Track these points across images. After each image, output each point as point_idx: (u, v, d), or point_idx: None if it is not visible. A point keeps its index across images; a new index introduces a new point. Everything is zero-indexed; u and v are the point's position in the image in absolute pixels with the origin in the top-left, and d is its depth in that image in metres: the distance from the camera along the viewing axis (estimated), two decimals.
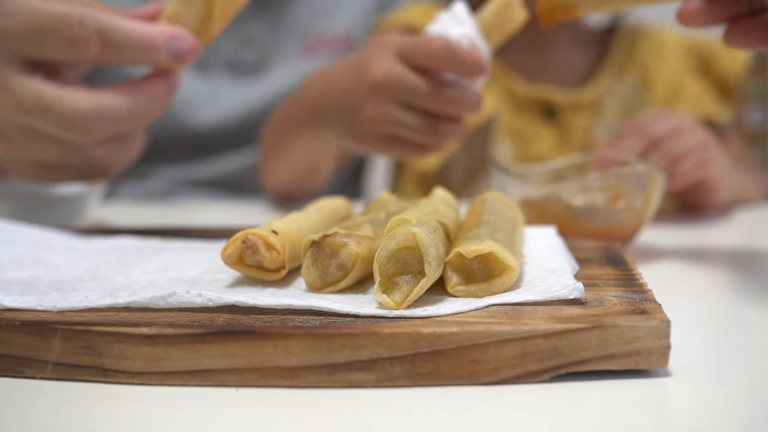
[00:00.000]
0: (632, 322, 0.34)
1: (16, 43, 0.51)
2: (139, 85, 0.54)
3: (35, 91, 0.51)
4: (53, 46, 0.51)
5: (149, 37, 0.52)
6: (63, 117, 0.51)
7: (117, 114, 0.52)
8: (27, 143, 0.54)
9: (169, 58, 0.53)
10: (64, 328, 0.35)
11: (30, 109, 0.51)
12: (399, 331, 0.33)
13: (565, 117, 1.01)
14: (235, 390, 0.34)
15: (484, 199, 0.52)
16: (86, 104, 0.51)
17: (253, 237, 0.41)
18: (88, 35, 0.50)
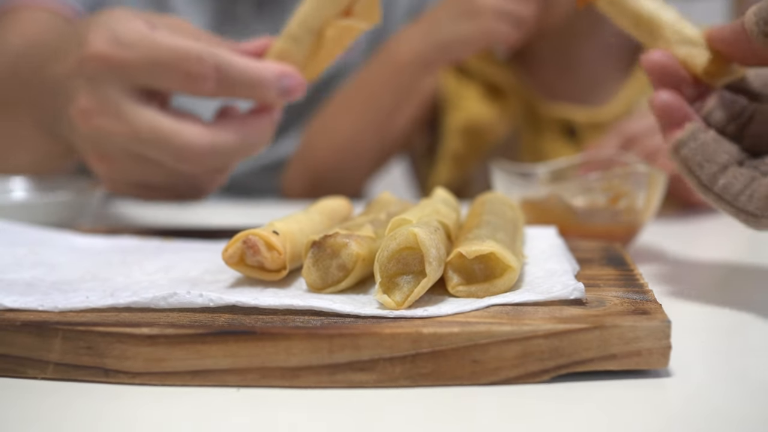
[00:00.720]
0: (633, 323, 0.34)
1: (134, 74, 0.52)
2: (248, 120, 0.55)
3: (152, 122, 0.52)
4: (171, 79, 0.52)
5: (262, 75, 0.53)
6: (179, 150, 0.52)
7: (229, 149, 0.54)
8: (132, 166, 0.55)
9: (278, 95, 0.54)
10: (65, 328, 0.35)
11: (146, 139, 0.52)
12: (400, 332, 0.33)
13: (586, 136, 1.00)
14: (236, 390, 0.34)
15: (485, 199, 0.52)
16: (202, 140, 0.53)
17: (254, 237, 0.41)
18: (206, 71, 0.51)
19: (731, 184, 0.41)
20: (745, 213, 0.41)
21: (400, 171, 1.32)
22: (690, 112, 0.43)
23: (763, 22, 0.39)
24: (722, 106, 0.44)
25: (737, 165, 0.42)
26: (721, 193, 0.41)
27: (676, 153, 0.42)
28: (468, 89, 1.01)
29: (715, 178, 0.41)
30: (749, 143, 0.43)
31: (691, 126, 0.42)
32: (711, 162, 0.41)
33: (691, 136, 0.42)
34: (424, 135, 1.09)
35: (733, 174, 0.41)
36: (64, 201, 0.66)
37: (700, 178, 0.42)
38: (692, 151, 0.42)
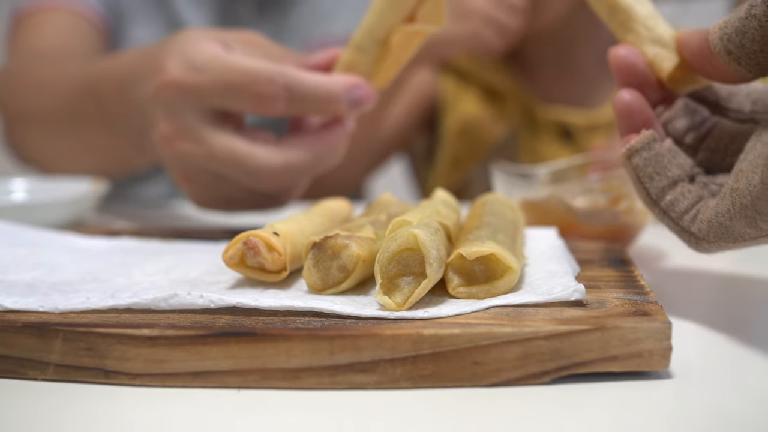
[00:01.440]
0: (633, 324, 0.34)
1: (208, 98, 0.53)
2: (320, 135, 0.56)
3: (227, 145, 0.53)
4: (243, 101, 0.53)
5: (331, 89, 0.54)
6: (254, 171, 0.54)
7: (301, 166, 0.55)
8: (214, 184, 0.57)
9: (349, 107, 0.54)
10: (66, 329, 0.35)
11: (222, 161, 0.54)
12: (400, 333, 0.33)
13: (582, 138, 1.00)
14: (237, 391, 0.34)
15: (485, 200, 0.52)
16: (276, 161, 0.54)
17: (254, 238, 0.41)
18: (277, 92, 0.52)
19: (678, 201, 0.40)
20: (687, 233, 0.40)
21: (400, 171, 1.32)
22: (650, 117, 0.42)
23: (726, 39, 0.37)
24: (684, 115, 0.43)
25: (688, 180, 0.41)
26: (667, 209, 0.40)
27: (628, 161, 0.41)
28: (466, 93, 1.02)
29: (663, 192, 0.40)
30: (704, 157, 0.42)
31: (647, 134, 0.41)
32: (661, 175, 0.40)
33: (645, 146, 0.41)
34: (423, 137, 1.09)
35: (681, 191, 0.40)
36: (65, 202, 0.66)
37: (648, 191, 0.41)
38: (645, 161, 0.41)
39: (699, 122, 0.42)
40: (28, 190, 0.75)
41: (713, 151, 0.42)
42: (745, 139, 0.40)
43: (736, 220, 0.36)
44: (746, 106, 0.42)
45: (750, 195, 0.34)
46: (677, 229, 0.40)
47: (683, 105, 0.43)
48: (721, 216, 0.37)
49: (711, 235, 0.38)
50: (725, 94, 0.43)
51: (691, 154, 0.42)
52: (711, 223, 0.38)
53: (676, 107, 0.43)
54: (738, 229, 0.36)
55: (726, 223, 0.37)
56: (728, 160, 0.41)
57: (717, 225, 0.37)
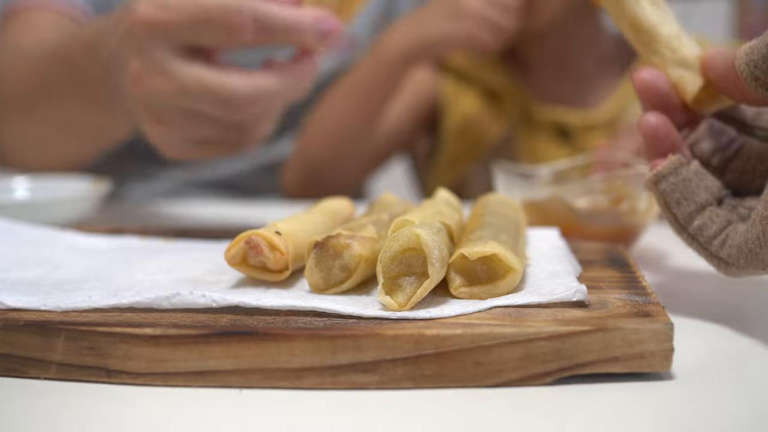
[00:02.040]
0: (635, 325, 0.34)
1: (178, 33, 0.55)
2: (289, 66, 0.58)
3: (197, 76, 0.55)
4: (213, 34, 0.55)
5: (299, 20, 0.56)
6: (226, 99, 0.55)
7: (272, 93, 0.56)
8: (185, 124, 0.58)
9: (316, 39, 0.57)
10: (68, 328, 0.35)
11: (193, 93, 0.55)
12: (402, 333, 0.33)
13: (579, 138, 1.00)
14: (239, 391, 0.34)
15: (487, 200, 0.52)
16: (246, 87, 0.55)
17: (256, 238, 0.41)
18: (245, 22, 0.54)
19: (707, 226, 0.40)
20: (716, 258, 0.40)
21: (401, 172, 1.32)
22: (677, 140, 0.42)
23: (753, 65, 0.37)
24: (710, 136, 0.42)
25: (716, 204, 0.41)
26: (696, 234, 0.40)
27: (655, 186, 0.41)
28: (466, 93, 1.02)
29: (691, 217, 0.40)
30: (732, 178, 0.42)
31: (674, 159, 0.41)
32: (689, 200, 0.40)
33: (672, 171, 0.40)
34: (426, 139, 1.09)
35: (709, 215, 0.40)
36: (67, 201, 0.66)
37: (676, 216, 0.40)
38: (672, 186, 0.40)
39: (726, 143, 0.42)
40: (30, 189, 0.75)
41: (741, 172, 0.42)
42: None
43: (767, 247, 0.36)
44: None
45: None
46: (706, 254, 0.40)
47: (709, 126, 0.43)
48: (751, 243, 0.37)
49: (741, 261, 0.38)
50: (752, 113, 0.43)
51: (719, 176, 0.42)
52: (741, 250, 0.38)
53: (702, 128, 0.43)
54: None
55: (756, 250, 0.36)
56: (757, 182, 0.41)
57: (747, 251, 0.37)
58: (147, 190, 1.07)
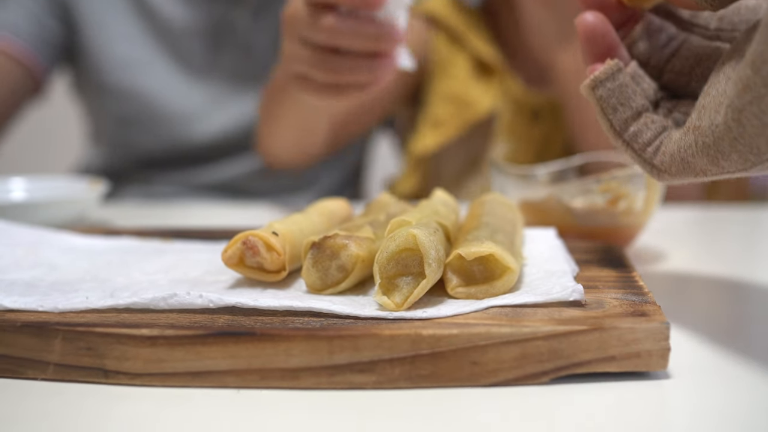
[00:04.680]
0: (632, 324, 0.34)
1: None
2: None
3: None
4: None
5: None
6: None
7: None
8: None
9: None
10: (65, 329, 0.35)
11: None
12: (399, 333, 0.33)
13: (548, 120, 1.01)
14: (236, 391, 0.34)
15: (484, 200, 0.52)
16: None
17: (253, 238, 0.41)
18: None
19: (641, 132, 0.39)
20: (649, 165, 0.39)
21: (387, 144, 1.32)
22: (614, 41, 0.41)
23: None
24: (648, 35, 0.41)
25: (652, 107, 0.40)
26: (630, 140, 0.39)
27: (593, 92, 0.40)
28: (458, 58, 1.02)
29: (626, 124, 0.39)
30: (669, 79, 0.41)
31: (611, 64, 0.39)
32: (625, 106, 0.39)
33: (609, 76, 0.39)
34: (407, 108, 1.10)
35: (644, 122, 0.39)
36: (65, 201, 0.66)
37: (611, 122, 0.39)
38: (609, 92, 0.39)
39: (664, 42, 0.41)
40: (28, 189, 0.75)
41: (678, 73, 0.41)
42: (710, 62, 0.40)
43: (699, 157, 0.35)
44: (712, 23, 0.41)
45: (712, 135, 0.34)
46: (639, 160, 0.39)
47: (647, 24, 0.42)
48: (683, 151, 0.36)
49: (673, 169, 0.37)
50: None
51: (656, 76, 0.41)
52: (673, 157, 0.37)
53: (640, 27, 0.42)
54: (700, 166, 0.36)
55: (688, 158, 0.36)
56: (693, 85, 0.41)
57: (679, 160, 0.37)
58: (145, 192, 1.07)
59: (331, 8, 0.59)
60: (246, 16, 1.04)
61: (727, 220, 0.82)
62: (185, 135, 1.04)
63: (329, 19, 0.58)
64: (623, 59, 0.41)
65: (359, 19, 0.58)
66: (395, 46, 0.60)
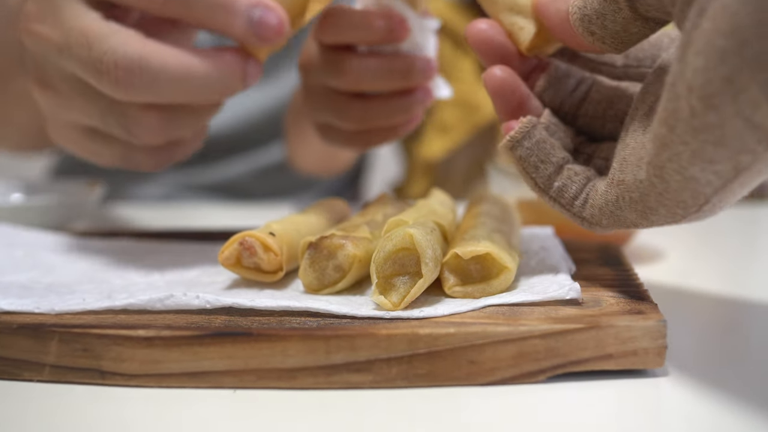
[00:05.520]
0: (629, 323, 0.34)
1: None
2: (206, 52, 0.44)
3: (85, 25, 0.43)
4: None
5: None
6: (99, 57, 0.42)
7: (165, 72, 0.43)
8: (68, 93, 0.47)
9: (248, 28, 0.43)
10: (62, 330, 0.35)
11: (71, 43, 0.43)
12: (396, 333, 0.33)
13: None
14: (233, 392, 0.34)
15: (481, 199, 0.52)
16: (131, 49, 0.42)
17: (250, 239, 0.41)
18: None
19: (566, 186, 0.38)
20: (579, 218, 0.39)
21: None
22: (525, 95, 0.40)
23: (588, 20, 0.36)
24: (555, 81, 0.41)
25: (572, 157, 0.39)
26: (557, 197, 0.39)
27: (512, 152, 0.39)
28: (462, 62, 1.02)
29: (550, 180, 0.39)
30: (584, 123, 0.41)
31: (526, 122, 0.39)
32: (546, 162, 0.38)
33: (526, 134, 0.39)
34: None
35: (568, 175, 0.38)
36: (61, 203, 0.66)
37: (536, 181, 0.39)
38: (527, 151, 0.39)
39: (573, 87, 0.41)
40: (25, 192, 0.75)
41: (592, 117, 0.41)
42: (622, 104, 0.40)
43: (627, 211, 0.35)
44: (618, 60, 0.40)
45: (638, 191, 0.34)
46: (569, 215, 0.39)
47: (554, 71, 0.41)
48: (611, 205, 0.36)
49: (603, 221, 0.37)
50: None
51: (571, 122, 0.41)
52: (602, 211, 0.37)
53: (546, 76, 0.41)
54: (630, 219, 0.36)
55: (617, 212, 0.36)
56: (608, 126, 0.40)
57: (608, 213, 0.37)
58: (142, 194, 1.07)
59: (349, 49, 0.52)
60: None
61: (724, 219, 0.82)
62: None
63: (351, 61, 0.51)
64: (536, 110, 0.40)
65: (384, 56, 0.52)
66: (429, 78, 0.53)
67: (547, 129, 0.39)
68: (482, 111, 1.00)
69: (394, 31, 0.50)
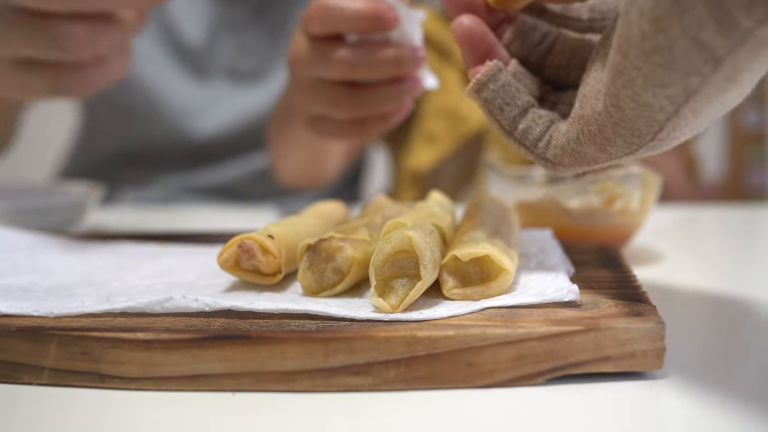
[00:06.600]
0: (627, 325, 0.34)
1: None
2: None
3: None
4: None
5: None
6: None
7: None
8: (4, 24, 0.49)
9: None
10: (61, 333, 0.35)
11: None
12: (395, 335, 0.33)
13: None
14: (232, 395, 0.34)
15: (480, 201, 0.52)
16: None
17: (249, 241, 0.41)
18: None
19: (530, 129, 0.39)
20: (543, 159, 0.39)
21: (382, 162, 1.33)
22: (492, 42, 0.41)
23: None
24: (522, 34, 0.42)
25: (538, 103, 0.40)
26: (521, 138, 0.39)
27: (477, 95, 0.40)
28: (447, 72, 1.02)
29: (515, 122, 0.39)
30: (550, 73, 0.42)
31: (492, 65, 0.39)
32: (511, 105, 0.39)
33: (491, 77, 0.39)
34: None
35: (532, 117, 0.39)
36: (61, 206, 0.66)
37: (501, 123, 0.39)
38: (493, 93, 0.39)
39: (539, 40, 0.42)
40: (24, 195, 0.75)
41: (558, 67, 0.41)
42: (585, 53, 0.40)
43: (587, 146, 0.36)
44: (584, 14, 0.41)
45: (596, 123, 0.35)
46: (533, 156, 0.40)
47: (521, 23, 0.42)
48: (572, 142, 0.37)
49: (565, 160, 0.38)
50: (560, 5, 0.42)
51: (537, 72, 0.42)
52: (564, 149, 0.38)
53: (514, 28, 0.42)
54: (590, 154, 0.36)
55: (578, 149, 0.37)
56: (573, 75, 0.41)
57: (570, 151, 0.37)
58: (141, 196, 1.07)
59: (339, 39, 0.54)
60: (248, 12, 1.04)
61: (723, 220, 0.82)
62: (183, 131, 1.04)
63: (342, 51, 0.53)
64: (503, 59, 0.41)
65: (374, 45, 0.53)
66: (418, 66, 0.54)
67: (513, 75, 0.40)
68: (469, 121, 1.00)
69: (384, 20, 0.52)
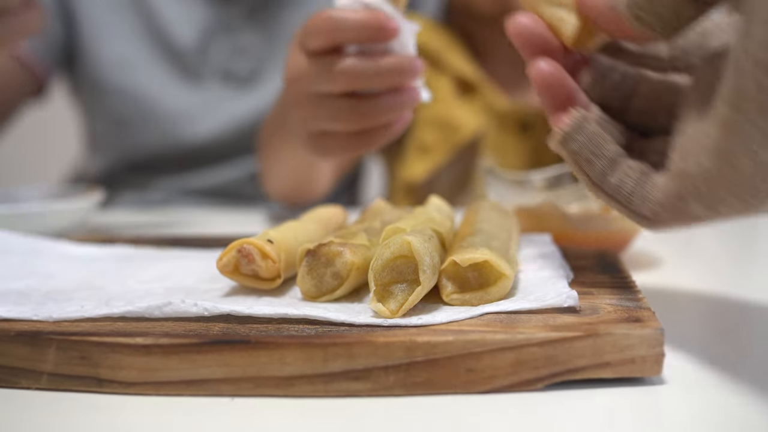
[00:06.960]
0: (626, 330, 0.34)
1: None
2: None
3: None
4: None
5: None
6: None
7: None
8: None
9: None
10: (59, 338, 0.35)
11: None
12: (394, 340, 0.33)
13: (539, 130, 1.01)
14: (231, 400, 0.34)
15: (479, 206, 0.52)
16: None
17: (248, 246, 0.41)
18: None
19: (623, 183, 0.36)
20: (639, 216, 0.36)
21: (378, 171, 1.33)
22: (573, 88, 0.39)
23: (636, 6, 0.34)
24: (600, 77, 0.40)
25: (626, 153, 0.38)
26: (613, 193, 0.37)
27: (563, 147, 0.38)
28: (439, 81, 1.02)
29: (604, 175, 0.37)
30: (634, 119, 0.39)
31: (577, 115, 0.37)
32: (599, 156, 0.37)
33: (577, 128, 0.37)
34: None
35: (623, 170, 0.36)
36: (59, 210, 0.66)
37: (590, 176, 0.37)
38: (580, 145, 0.37)
39: (618, 82, 0.39)
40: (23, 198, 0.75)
41: (642, 112, 0.39)
42: (671, 95, 0.38)
43: (693, 204, 0.33)
44: (663, 52, 0.39)
45: (705, 181, 0.32)
46: (627, 212, 0.37)
47: (598, 65, 0.40)
48: (673, 198, 0.34)
49: (665, 216, 0.35)
50: None
51: (620, 118, 0.40)
52: (664, 206, 0.35)
53: (590, 70, 0.40)
54: (695, 212, 0.34)
55: (681, 206, 0.34)
56: (660, 121, 0.39)
57: (671, 207, 0.35)
58: (139, 199, 1.07)
59: (338, 52, 0.54)
60: (241, 14, 1.04)
61: (722, 226, 0.82)
62: (179, 136, 1.04)
63: (343, 63, 0.53)
64: (584, 105, 0.39)
65: (373, 55, 0.53)
66: (418, 75, 0.54)
67: (599, 124, 0.38)
68: (462, 131, 1.00)
69: (385, 29, 0.52)
